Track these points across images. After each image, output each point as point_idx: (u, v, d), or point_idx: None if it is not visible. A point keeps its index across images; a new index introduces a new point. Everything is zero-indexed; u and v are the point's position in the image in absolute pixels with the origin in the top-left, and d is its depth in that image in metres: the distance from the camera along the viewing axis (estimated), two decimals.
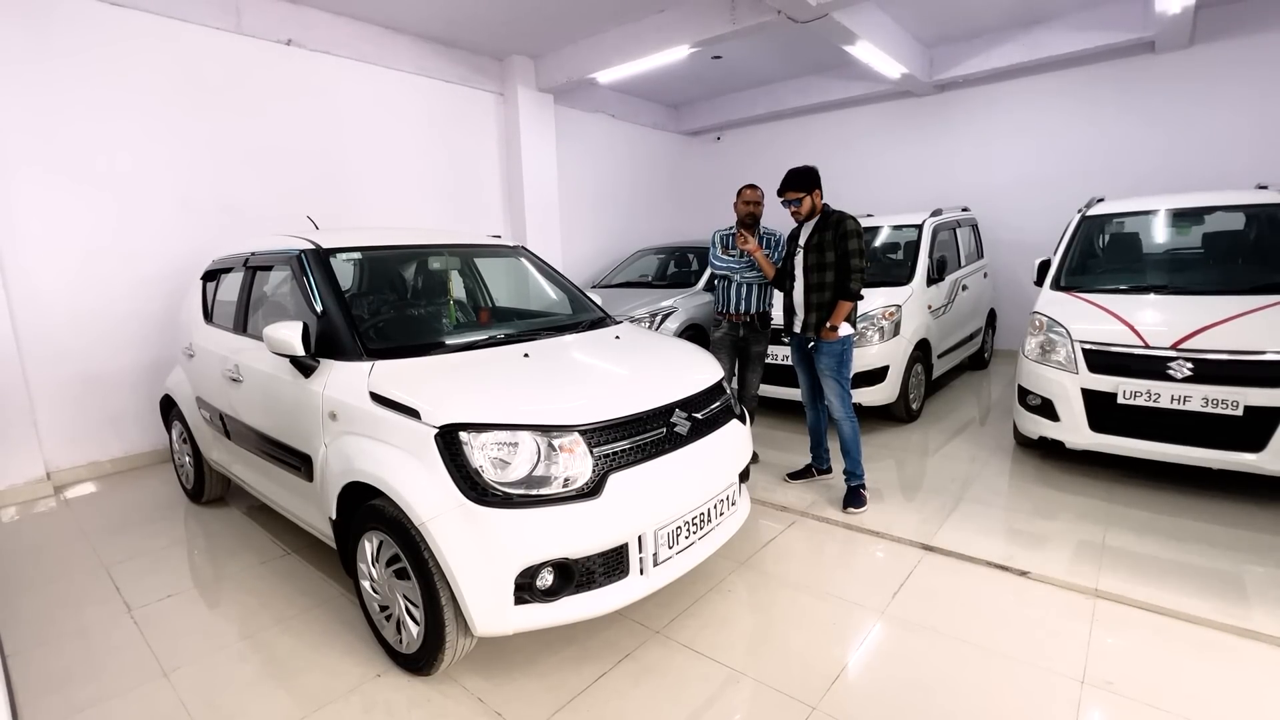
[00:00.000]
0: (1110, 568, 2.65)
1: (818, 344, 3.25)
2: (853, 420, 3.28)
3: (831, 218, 3.21)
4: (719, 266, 3.83)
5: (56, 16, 3.99)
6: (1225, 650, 2.13)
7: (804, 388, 3.55)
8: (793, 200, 3.25)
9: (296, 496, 2.65)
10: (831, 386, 3.27)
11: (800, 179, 3.23)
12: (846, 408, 3.28)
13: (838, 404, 3.27)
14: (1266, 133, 5.68)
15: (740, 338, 3.84)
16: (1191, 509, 3.17)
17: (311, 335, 2.38)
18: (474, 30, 5.82)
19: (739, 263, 3.76)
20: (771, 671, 2.11)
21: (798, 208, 3.26)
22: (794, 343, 3.50)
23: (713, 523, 2.31)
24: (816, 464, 3.71)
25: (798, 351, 3.49)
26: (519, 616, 1.90)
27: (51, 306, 4.09)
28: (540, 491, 1.90)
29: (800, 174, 3.24)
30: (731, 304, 3.83)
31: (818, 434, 3.65)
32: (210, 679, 2.18)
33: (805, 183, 3.23)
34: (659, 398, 2.22)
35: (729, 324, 3.86)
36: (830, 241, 3.17)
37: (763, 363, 3.96)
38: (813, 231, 3.27)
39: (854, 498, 3.31)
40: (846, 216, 3.17)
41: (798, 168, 3.25)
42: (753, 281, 3.76)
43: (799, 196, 3.23)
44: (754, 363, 3.89)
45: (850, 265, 3.12)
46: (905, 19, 6.09)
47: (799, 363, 3.51)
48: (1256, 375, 2.95)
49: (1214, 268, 3.96)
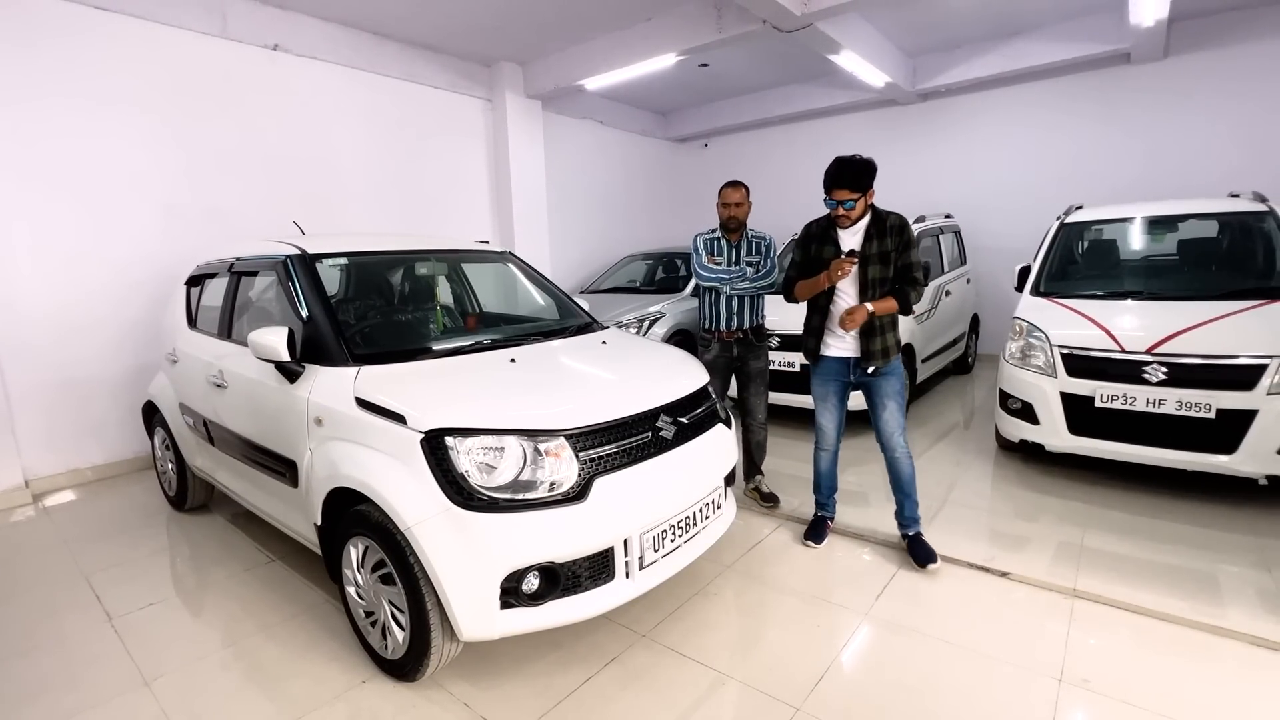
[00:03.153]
0: (1088, 568, 2.70)
1: (879, 368, 2.72)
2: (911, 454, 2.81)
3: (889, 221, 2.64)
4: (707, 277, 3.30)
5: (38, 20, 3.95)
6: (1199, 648, 2.18)
7: (829, 424, 2.90)
8: (846, 202, 2.59)
9: (281, 502, 2.64)
10: (896, 416, 2.74)
11: (856, 174, 2.55)
12: (904, 438, 2.78)
13: (900, 436, 2.76)
14: (1238, 142, 5.83)
15: (735, 357, 3.36)
16: (1167, 510, 3.24)
17: (297, 340, 2.37)
18: (462, 37, 5.84)
19: (729, 272, 3.27)
20: (757, 674, 2.13)
21: (850, 210, 2.61)
22: (825, 371, 2.85)
23: (698, 526, 2.33)
24: (829, 511, 3.10)
25: (833, 382, 2.85)
26: (505, 621, 1.90)
27: (31, 312, 4.03)
28: (526, 496, 1.91)
29: (857, 167, 2.55)
30: (721, 319, 3.32)
31: (831, 479, 3.03)
32: (192, 687, 2.16)
33: (862, 180, 2.57)
34: (644, 402, 2.23)
35: (720, 343, 3.36)
36: (893, 250, 2.63)
37: (767, 379, 3.44)
38: (867, 238, 2.64)
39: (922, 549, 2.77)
40: (906, 220, 2.67)
41: (852, 158, 2.58)
42: (745, 293, 3.29)
43: (855, 198, 2.58)
44: (757, 381, 3.39)
45: (913, 278, 2.64)
46: (889, 29, 6.19)
47: (830, 396, 2.87)
48: (1228, 379, 3.02)
49: (1188, 274, 4.06)
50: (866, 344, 2.70)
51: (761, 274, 3.28)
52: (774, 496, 3.47)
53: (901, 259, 2.65)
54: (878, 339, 2.70)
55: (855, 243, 2.67)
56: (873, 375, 2.74)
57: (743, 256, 3.31)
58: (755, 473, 3.50)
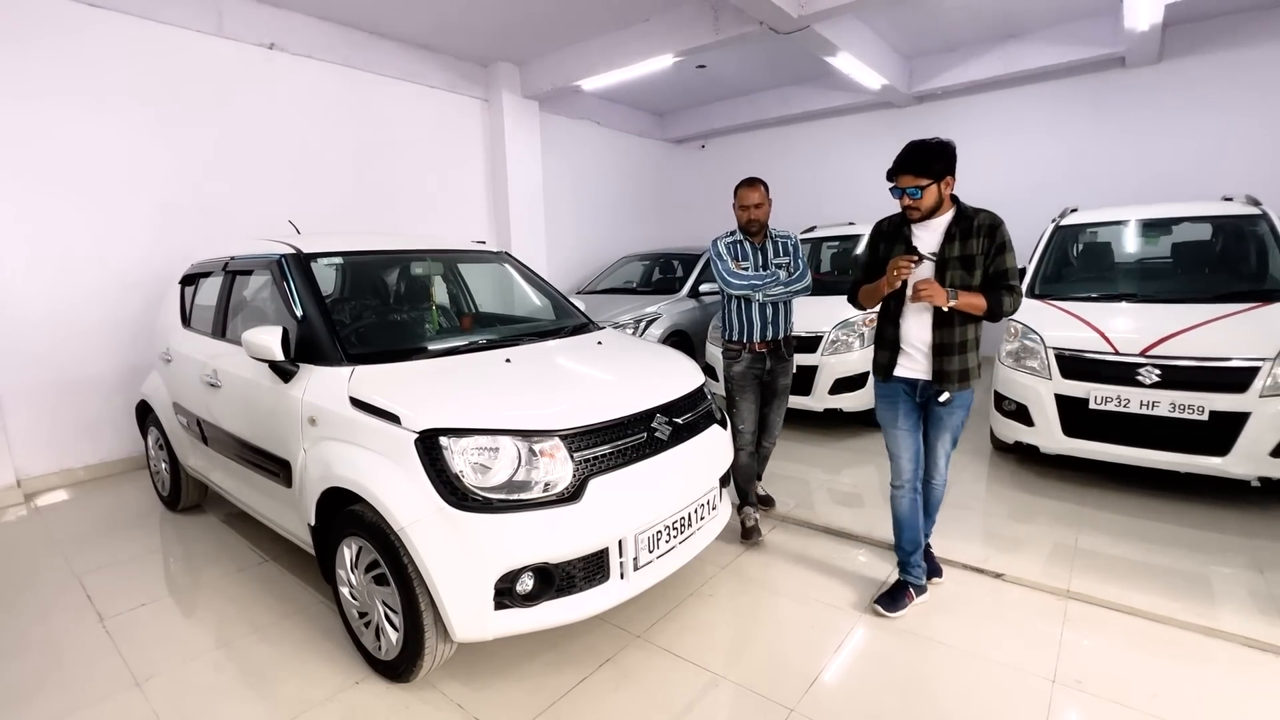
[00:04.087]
0: (1082, 569, 2.71)
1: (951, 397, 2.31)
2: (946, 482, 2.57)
3: (978, 220, 2.23)
4: (737, 284, 2.95)
5: (32, 18, 3.93)
6: (1192, 649, 2.19)
7: (904, 454, 2.43)
8: (910, 189, 2.19)
9: (275, 502, 2.63)
10: (948, 448, 2.45)
11: (926, 158, 2.17)
12: (948, 470, 2.54)
13: (944, 467, 2.49)
14: (1233, 145, 5.87)
15: (767, 370, 3.06)
16: (1161, 512, 3.25)
17: (291, 340, 2.36)
18: (459, 36, 5.84)
19: (761, 277, 2.95)
20: (751, 674, 2.13)
21: (917, 200, 2.20)
22: (890, 393, 2.43)
23: (693, 527, 2.33)
24: (913, 574, 2.50)
25: (901, 403, 2.40)
26: (499, 622, 1.90)
27: (23, 310, 4.01)
28: (520, 496, 1.91)
29: (926, 149, 2.17)
30: (755, 330, 2.99)
31: (915, 526, 2.47)
32: (184, 688, 2.15)
33: (933, 164, 2.16)
34: (640, 403, 2.23)
35: (751, 355, 3.03)
36: (979, 253, 2.21)
37: (787, 397, 3.21)
38: (948, 238, 2.24)
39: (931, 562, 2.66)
40: (999, 220, 2.25)
41: (924, 141, 2.19)
42: (780, 298, 2.99)
43: (922, 184, 2.18)
44: (781, 397, 3.15)
45: (1009, 285, 2.22)
46: (886, 32, 6.21)
47: (900, 419, 2.41)
48: (1221, 381, 3.04)
49: (1181, 276, 4.08)
50: (941, 363, 2.27)
51: (795, 277, 3.01)
52: (769, 499, 3.45)
53: (994, 265, 2.22)
54: (955, 358, 2.26)
55: (933, 243, 2.26)
56: (943, 404, 2.32)
57: (770, 259, 3.01)
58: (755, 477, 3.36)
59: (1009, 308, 2.23)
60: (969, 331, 2.29)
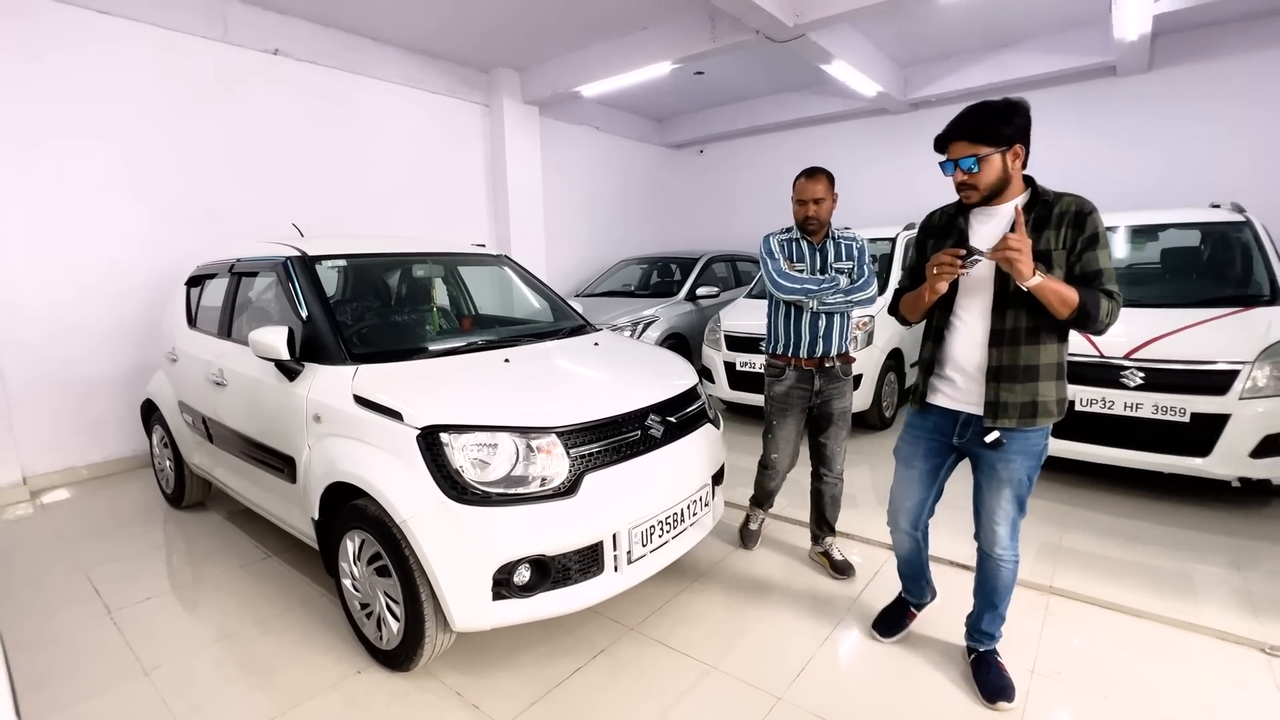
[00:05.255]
0: (1066, 567, 2.78)
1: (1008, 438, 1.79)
2: (1018, 558, 1.95)
3: (1060, 206, 1.72)
4: (790, 287, 2.57)
5: (42, 24, 4.01)
6: (1168, 642, 2.26)
7: (907, 500, 2.11)
8: (964, 161, 1.72)
9: (279, 498, 2.69)
10: (1010, 511, 1.88)
11: (988, 117, 1.69)
12: (1016, 535, 1.93)
13: (1007, 535, 1.90)
14: (1222, 153, 5.96)
15: (816, 392, 2.67)
16: (1145, 511, 3.32)
17: (297, 340, 2.43)
18: (460, 43, 5.93)
19: (817, 282, 2.57)
20: (741, 665, 2.19)
21: (973, 174, 1.73)
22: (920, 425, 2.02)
23: (686, 522, 2.40)
24: (915, 595, 2.29)
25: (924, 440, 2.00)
26: (497, 612, 1.96)
27: (31, 311, 4.08)
28: (518, 491, 1.97)
29: (990, 110, 1.70)
30: (804, 343, 2.61)
31: (917, 563, 2.22)
32: (191, 677, 2.21)
33: (998, 127, 1.68)
34: (634, 401, 2.30)
35: (797, 372, 2.67)
36: (1058, 248, 1.71)
37: (849, 424, 2.76)
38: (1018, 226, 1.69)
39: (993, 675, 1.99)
40: (1091, 206, 1.71)
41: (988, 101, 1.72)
42: (837, 308, 2.59)
43: (981, 154, 1.69)
44: (839, 424, 2.71)
45: (1105, 289, 1.68)
46: (881, 39, 6.30)
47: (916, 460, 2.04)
48: (1202, 384, 3.11)
49: (1167, 282, 4.16)
50: (998, 391, 1.76)
51: (859, 284, 2.59)
52: (849, 566, 2.76)
53: (1081, 262, 1.70)
54: (1020, 386, 1.74)
55: (995, 238, 1.72)
56: (991, 447, 1.80)
57: (830, 263, 2.63)
58: (827, 533, 2.84)
59: (1105, 314, 1.65)
60: (1045, 352, 1.73)
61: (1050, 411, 1.76)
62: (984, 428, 1.80)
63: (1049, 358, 1.74)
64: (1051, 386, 1.75)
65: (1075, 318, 1.66)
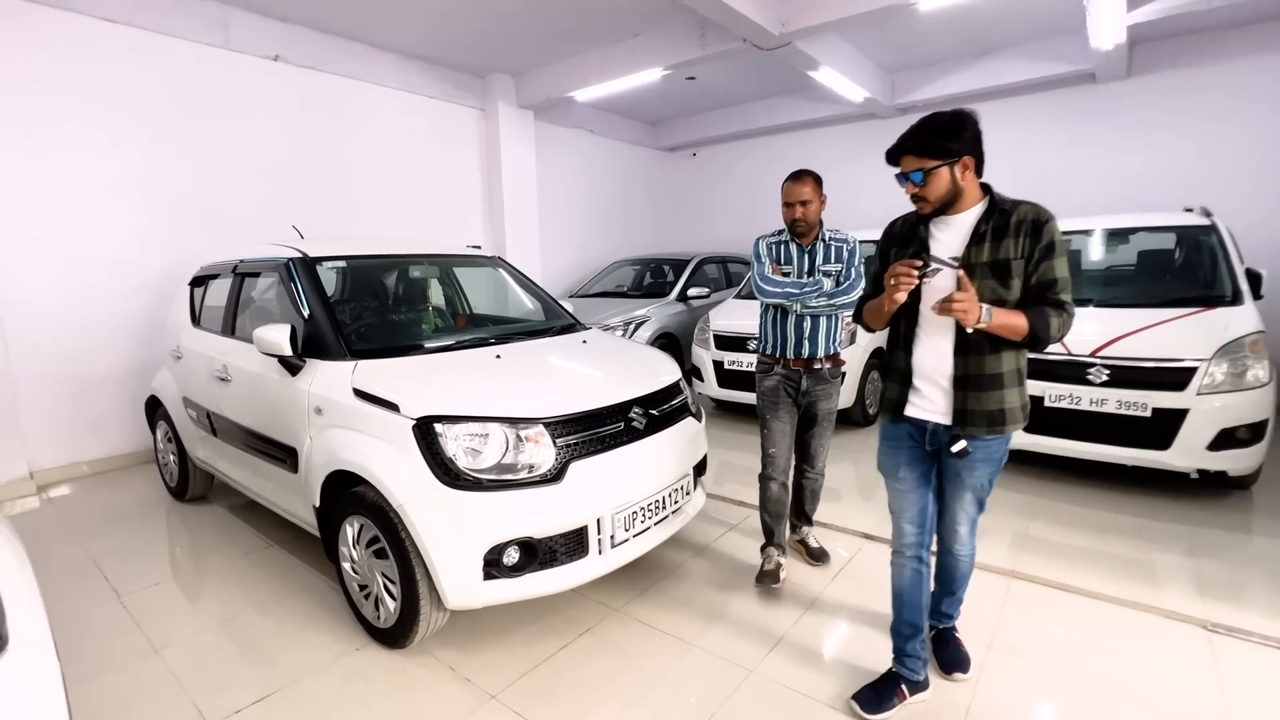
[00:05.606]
0: (1030, 553, 2.93)
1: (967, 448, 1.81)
2: (975, 549, 2.06)
3: (1016, 215, 1.75)
4: (772, 291, 2.63)
5: (50, 31, 4.13)
6: (1119, 621, 2.40)
7: (909, 518, 1.99)
8: (913, 174, 1.76)
9: (281, 488, 2.83)
10: (971, 511, 1.96)
11: (931, 133, 1.73)
12: (974, 531, 2.02)
13: (967, 533, 2.00)
14: (1198, 158, 6.12)
15: (802, 392, 2.69)
16: (1110, 502, 3.47)
17: (299, 337, 2.57)
18: (456, 49, 6.07)
19: (800, 285, 2.60)
20: (718, 643, 2.34)
21: (922, 187, 1.77)
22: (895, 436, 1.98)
23: (667, 509, 2.54)
24: (908, 667, 2.02)
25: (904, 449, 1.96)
26: (488, 591, 2.10)
27: (38, 310, 4.20)
28: (508, 477, 2.11)
29: (934, 124, 1.74)
30: (790, 344, 2.65)
31: (915, 605, 2.00)
32: (199, 655, 2.34)
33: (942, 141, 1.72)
34: (618, 395, 2.45)
35: (784, 370, 2.70)
36: (1017, 257, 1.73)
37: (832, 424, 2.81)
38: (975, 239, 1.77)
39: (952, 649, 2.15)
40: (1048, 215, 1.75)
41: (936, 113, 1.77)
42: (821, 311, 2.63)
43: (927, 167, 1.74)
44: (824, 424, 2.76)
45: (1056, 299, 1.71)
46: (867, 47, 6.46)
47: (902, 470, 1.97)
48: (1163, 380, 3.27)
49: (1137, 283, 4.32)
50: (965, 399, 1.78)
51: (844, 286, 2.60)
52: (824, 554, 2.92)
53: (1037, 272, 1.72)
54: (986, 394, 1.76)
55: (956, 246, 1.79)
56: (959, 455, 1.83)
57: (818, 265, 2.64)
58: (805, 523, 2.98)
59: (1057, 331, 1.69)
60: (1006, 360, 1.76)
61: (1016, 418, 1.80)
62: (951, 436, 1.82)
63: (1010, 364, 1.78)
64: (1015, 393, 1.80)
65: (1027, 340, 1.71)
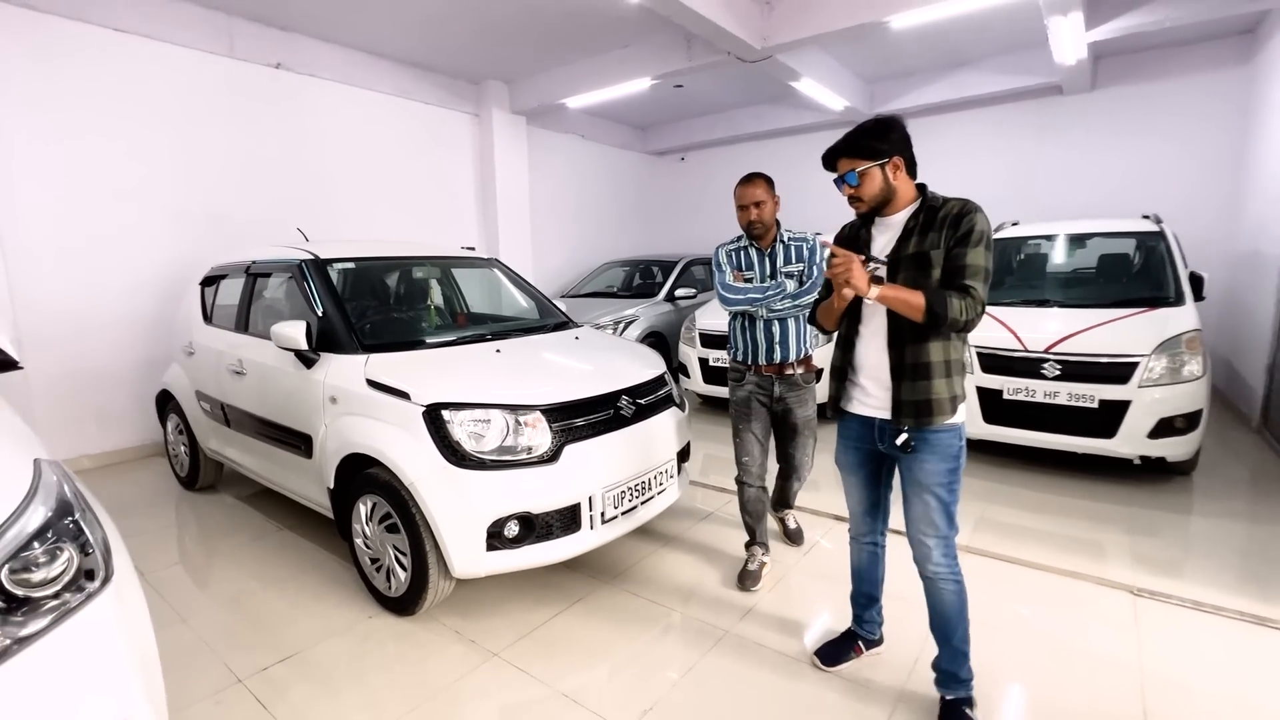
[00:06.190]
0: (983, 531, 3.21)
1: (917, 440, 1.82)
2: (960, 580, 1.90)
3: (945, 210, 1.79)
4: (734, 300, 2.62)
5: (62, 40, 4.31)
6: (1054, 588, 2.68)
7: (855, 505, 2.13)
8: (848, 175, 1.82)
9: (295, 473, 3.04)
10: (933, 514, 1.86)
11: (861, 136, 1.81)
12: (951, 554, 1.89)
13: (938, 548, 1.88)
14: (1157, 167, 6.47)
15: (776, 398, 2.68)
16: (1061, 486, 3.76)
17: (313, 332, 2.79)
18: (451, 56, 6.29)
19: (762, 290, 2.58)
20: (699, 609, 2.59)
21: (857, 187, 1.82)
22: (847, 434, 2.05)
23: (653, 490, 2.78)
24: (865, 628, 2.23)
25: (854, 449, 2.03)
26: (490, 561, 2.34)
27: (51, 308, 4.37)
28: (508, 458, 2.35)
29: (863, 130, 1.81)
30: (761, 351, 2.63)
31: (871, 580, 2.18)
32: (224, 623, 2.56)
33: (870, 143, 1.79)
34: (608, 385, 2.69)
35: (758, 377, 2.68)
36: (938, 248, 1.76)
37: (814, 432, 2.80)
38: (905, 235, 1.83)
39: None
40: (973, 208, 1.76)
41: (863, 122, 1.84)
42: (788, 314, 2.61)
43: (859, 168, 1.80)
44: (804, 433, 2.76)
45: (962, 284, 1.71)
46: (846, 59, 6.75)
47: (852, 466, 2.07)
48: (1108, 374, 3.56)
49: (1093, 284, 4.62)
50: (898, 390, 1.82)
51: (807, 286, 2.59)
52: (800, 534, 3.12)
53: (950, 258, 1.74)
54: (915, 384, 1.79)
55: (890, 244, 1.86)
56: (903, 449, 1.83)
57: (779, 267, 2.62)
58: (784, 508, 3.16)
59: (957, 312, 1.66)
60: (934, 350, 1.77)
61: (944, 410, 1.77)
62: (894, 431, 1.84)
63: (939, 355, 1.78)
64: (944, 384, 1.77)
65: (929, 321, 1.70)
